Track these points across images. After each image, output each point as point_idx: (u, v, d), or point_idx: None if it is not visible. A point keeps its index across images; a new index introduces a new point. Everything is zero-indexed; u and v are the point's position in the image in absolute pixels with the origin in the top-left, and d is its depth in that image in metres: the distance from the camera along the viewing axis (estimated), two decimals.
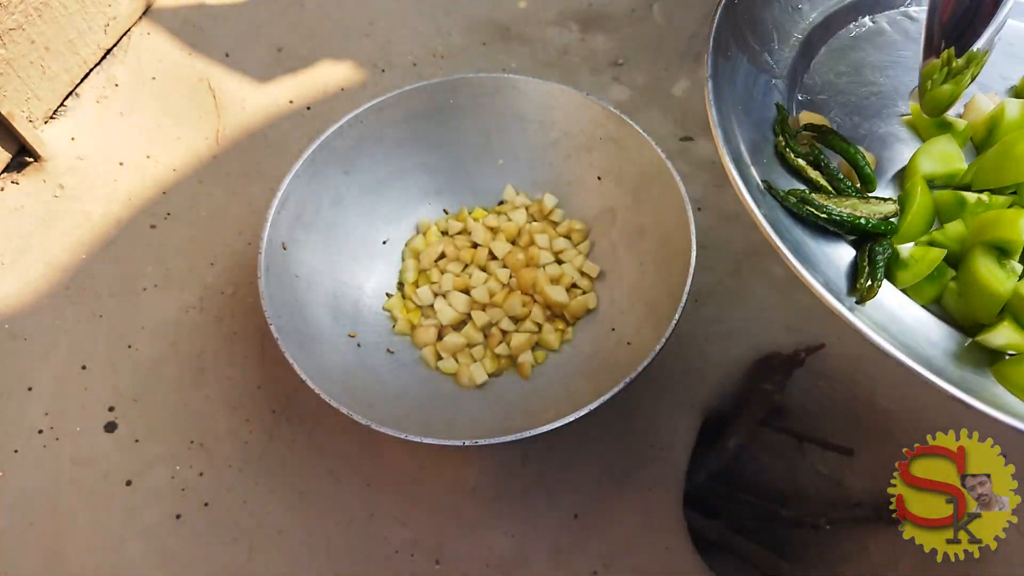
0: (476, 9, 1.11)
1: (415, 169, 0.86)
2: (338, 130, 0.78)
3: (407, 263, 0.84)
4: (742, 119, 0.50)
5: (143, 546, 0.71)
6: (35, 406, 0.78)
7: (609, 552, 0.72)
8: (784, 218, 0.47)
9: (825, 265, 0.46)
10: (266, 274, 0.71)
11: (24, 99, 0.90)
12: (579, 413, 0.62)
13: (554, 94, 0.81)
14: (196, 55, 1.04)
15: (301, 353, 0.68)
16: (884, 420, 0.82)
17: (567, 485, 0.75)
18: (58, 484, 0.74)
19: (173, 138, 0.97)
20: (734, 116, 0.49)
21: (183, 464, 0.75)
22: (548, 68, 1.06)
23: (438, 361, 0.78)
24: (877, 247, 0.46)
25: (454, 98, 0.82)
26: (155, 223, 0.90)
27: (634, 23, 1.11)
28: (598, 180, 0.82)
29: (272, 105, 1.00)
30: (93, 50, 0.99)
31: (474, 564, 0.71)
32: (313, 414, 0.78)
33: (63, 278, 0.86)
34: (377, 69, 1.05)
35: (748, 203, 0.45)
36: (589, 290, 0.80)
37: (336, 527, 0.73)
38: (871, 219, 0.47)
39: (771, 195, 0.48)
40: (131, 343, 0.82)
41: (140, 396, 0.79)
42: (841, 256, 0.48)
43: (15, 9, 0.85)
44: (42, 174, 0.92)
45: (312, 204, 0.78)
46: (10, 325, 0.82)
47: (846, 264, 0.47)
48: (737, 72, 0.52)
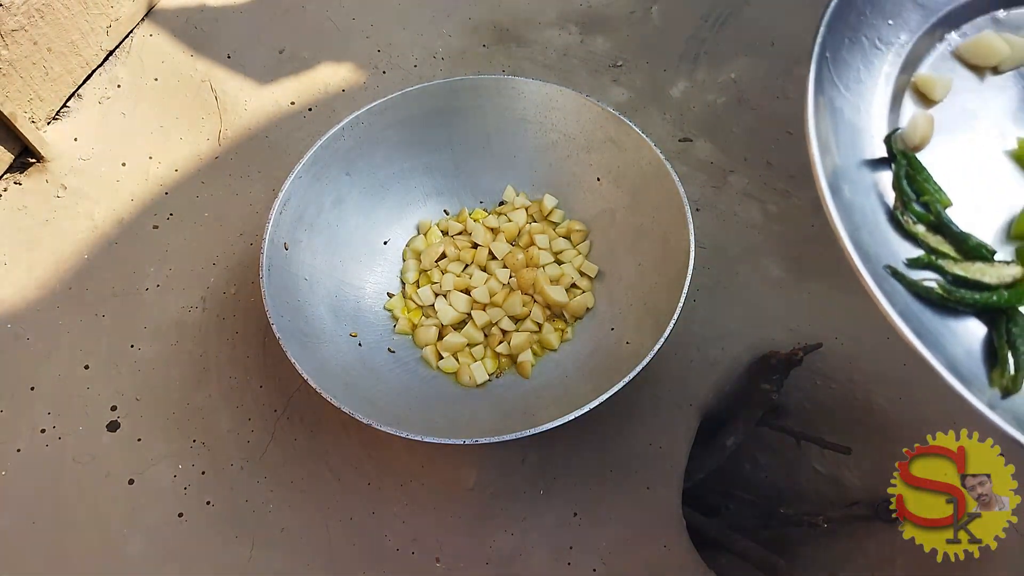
0: (476, 11, 1.12)
1: (416, 170, 0.86)
2: (339, 131, 0.79)
3: (408, 263, 0.84)
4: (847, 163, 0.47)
5: (145, 545, 0.72)
6: (37, 405, 0.78)
7: (608, 550, 0.72)
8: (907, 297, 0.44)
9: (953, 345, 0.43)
10: (268, 274, 0.71)
11: (27, 100, 0.91)
12: (578, 412, 0.63)
13: (553, 95, 0.81)
14: (198, 56, 1.05)
15: (303, 353, 0.68)
16: (882, 419, 0.83)
17: (567, 483, 0.75)
18: (60, 483, 0.74)
19: (175, 139, 0.97)
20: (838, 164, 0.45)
21: (185, 463, 0.76)
22: (548, 70, 1.06)
23: (439, 360, 0.78)
24: (1014, 327, 0.43)
25: (454, 99, 0.83)
26: (157, 223, 0.91)
27: (633, 25, 1.11)
28: (597, 181, 0.82)
29: (274, 106, 1.01)
30: (95, 51, 1.00)
31: (474, 562, 0.72)
32: (314, 413, 0.78)
33: (65, 278, 0.86)
34: (378, 71, 1.05)
35: (880, 300, 0.41)
36: (588, 290, 0.81)
37: (337, 525, 0.73)
38: (1002, 295, 0.44)
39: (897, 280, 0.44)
40: (133, 343, 0.82)
41: (142, 395, 0.79)
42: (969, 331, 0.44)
43: (17, 10, 0.85)
44: (45, 175, 0.92)
45: (314, 205, 0.79)
46: (13, 325, 0.82)
47: (978, 342, 0.44)
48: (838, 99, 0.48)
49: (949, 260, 0.45)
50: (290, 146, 0.97)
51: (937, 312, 0.44)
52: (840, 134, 0.47)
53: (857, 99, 0.49)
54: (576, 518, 0.74)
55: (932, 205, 0.46)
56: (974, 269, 0.45)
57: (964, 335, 0.44)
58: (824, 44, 0.47)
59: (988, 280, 0.45)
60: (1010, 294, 0.44)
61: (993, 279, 0.45)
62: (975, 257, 0.46)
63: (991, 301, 0.44)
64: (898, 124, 0.50)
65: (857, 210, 0.45)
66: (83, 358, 0.81)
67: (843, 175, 0.46)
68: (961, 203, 0.48)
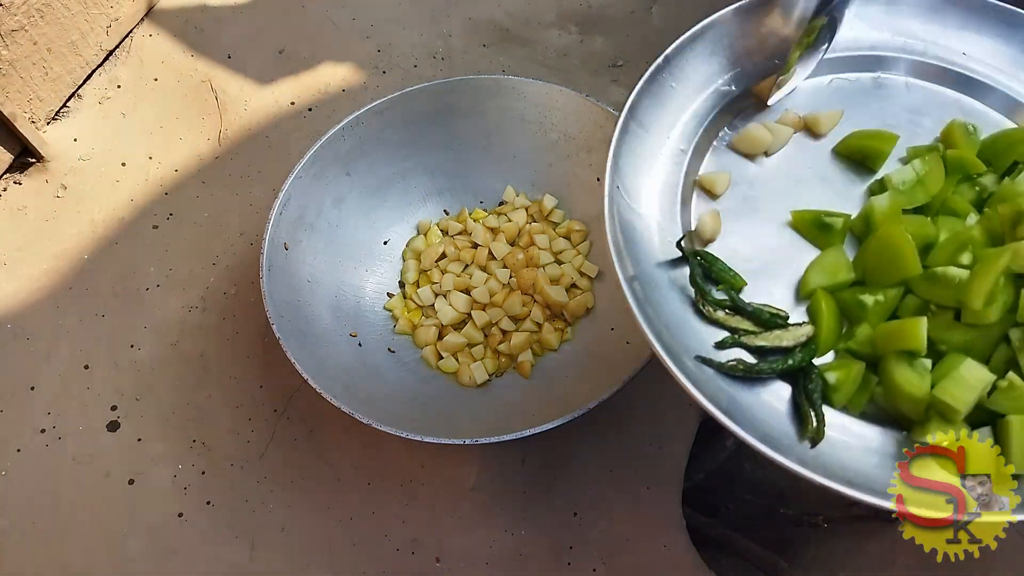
0: (476, 11, 1.12)
1: (416, 170, 0.86)
2: (339, 131, 0.79)
3: (408, 263, 0.84)
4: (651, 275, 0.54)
5: (145, 544, 0.72)
6: (38, 405, 0.78)
7: (608, 550, 0.72)
8: (717, 378, 0.50)
9: (767, 415, 0.49)
10: (268, 274, 0.71)
11: (27, 100, 0.91)
12: (578, 412, 0.63)
13: (553, 96, 0.81)
14: (198, 56, 1.05)
15: (303, 352, 0.68)
16: None
17: (567, 483, 0.75)
18: (60, 483, 0.74)
19: (175, 139, 0.97)
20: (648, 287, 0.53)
21: (185, 463, 0.76)
22: (547, 70, 1.06)
23: (439, 360, 0.78)
24: (809, 384, 0.50)
25: (454, 100, 0.83)
26: (157, 223, 0.91)
27: (633, 25, 1.11)
28: (597, 181, 0.82)
29: (274, 106, 1.01)
30: (95, 51, 1.00)
31: (474, 562, 0.72)
32: (315, 413, 0.78)
33: (66, 278, 0.86)
34: (378, 71, 1.05)
35: (688, 388, 0.47)
36: (588, 290, 0.81)
37: (337, 525, 0.73)
38: (796, 357, 0.50)
39: (708, 366, 0.50)
40: (133, 343, 0.82)
41: (142, 395, 0.79)
42: (777, 394, 0.51)
43: (17, 10, 0.85)
44: (45, 175, 0.92)
45: (314, 205, 0.79)
46: (13, 325, 0.82)
47: (785, 403, 0.50)
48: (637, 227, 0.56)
49: (750, 335, 0.52)
50: (290, 146, 0.97)
51: (747, 384, 0.50)
52: (637, 244, 0.55)
53: (648, 208, 0.57)
54: (576, 518, 0.74)
55: (727, 291, 0.53)
56: (772, 337, 0.51)
57: (772, 400, 0.50)
58: (613, 170, 0.55)
59: (786, 344, 0.51)
60: (803, 354, 0.50)
61: (790, 342, 0.51)
62: (772, 327, 0.52)
63: (788, 365, 0.50)
64: (690, 223, 0.57)
65: (664, 310, 0.52)
66: (83, 358, 0.81)
67: (646, 280, 0.53)
68: (757, 279, 0.55)
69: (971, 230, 0.52)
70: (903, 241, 0.51)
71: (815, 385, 0.49)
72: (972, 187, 0.57)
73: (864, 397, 0.50)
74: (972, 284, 0.48)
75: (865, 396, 0.50)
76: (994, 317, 0.48)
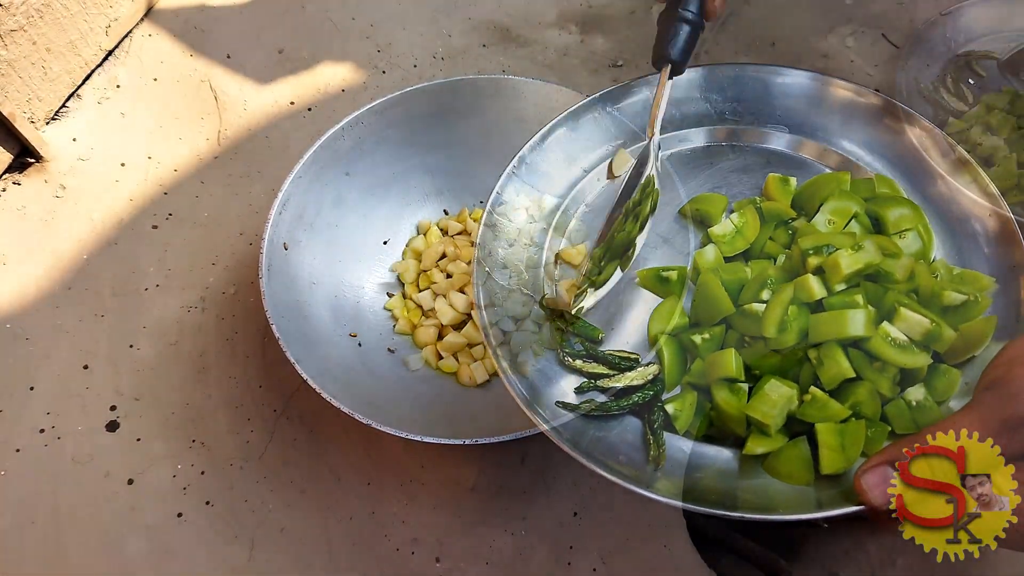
0: (476, 11, 1.12)
1: (416, 170, 0.86)
2: (339, 131, 0.79)
3: (408, 263, 0.84)
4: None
5: (145, 545, 0.72)
6: (37, 405, 0.78)
7: (608, 549, 0.72)
8: (577, 419, 0.58)
9: (626, 447, 0.57)
10: (268, 274, 0.71)
11: (26, 100, 0.91)
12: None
13: (553, 95, 0.81)
14: (197, 56, 1.05)
15: (302, 352, 0.68)
16: None
17: (566, 483, 0.75)
18: (60, 483, 0.74)
19: (174, 139, 0.97)
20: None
21: (185, 463, 0.76)
22: (547, 69, 1.06)
23: (439, 360, 0.78)
24: (652, 416, 0.57)
25: (454, 99, 0.83)
26: (157, 223, 0.91)
27: (633, 25, 1.11)
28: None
29: (273, 106, 1.01)
30: (94, 51, 0.99)
31: (474, 562, 0.72)
32: (314, 413, 0.78)
33: (65, 278, 0.86)
34: (378, 70, 1.05)
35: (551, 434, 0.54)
36: None
37: (337, 525, 0.73)
38: (645, 394, 0.58)
39: (567, 410, 0.58)
40: (133, 343, 0.82)
41: (142, 395, 0.79)
42: (630, 428, 0.58)
43: (16, 10, 0.85)
44: (44, 175, 0.92)
45: (313, 205, 0.78)
46: (12, 325, 0.82)
47: (638, 434, 0.58)
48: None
49: (606, 378, 0.59)
50: (290, 146, 0.97)
51: (605, 422, 0.58)
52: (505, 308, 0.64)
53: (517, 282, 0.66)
54: (576, 518, 0.74)
55: (584, 343, 0.61)
56: (626, 378, 0.59)
57: (627, 433, 0.58)
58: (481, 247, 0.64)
59: (639, 382, 0.58)
60: (653, 390, 0.58)
61: (641, 380, 0.58)
62: (625, 369, 0.59)
63: (633, 401, 0.58)
64: (555, 290, 0.66)
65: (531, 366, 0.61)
66: (83, 358, 0.81)
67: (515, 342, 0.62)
68: (614, 329, 0.63)
69: (770, 269, 0.61)
70: (716, 286, 0.60)
71: (656, 416, 0.57)
72: (787, 231, 0.64)
73: (702, 423, 0.57)
74: (766, 316, 0.57)
75: (703, 421, 0.57)
76: (791, 341, 0.56)
